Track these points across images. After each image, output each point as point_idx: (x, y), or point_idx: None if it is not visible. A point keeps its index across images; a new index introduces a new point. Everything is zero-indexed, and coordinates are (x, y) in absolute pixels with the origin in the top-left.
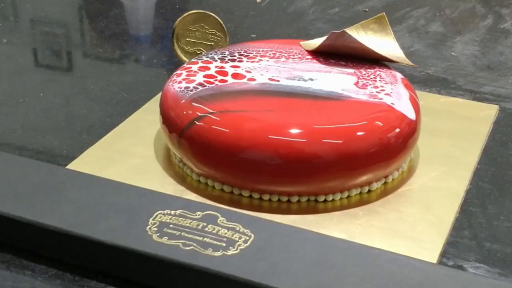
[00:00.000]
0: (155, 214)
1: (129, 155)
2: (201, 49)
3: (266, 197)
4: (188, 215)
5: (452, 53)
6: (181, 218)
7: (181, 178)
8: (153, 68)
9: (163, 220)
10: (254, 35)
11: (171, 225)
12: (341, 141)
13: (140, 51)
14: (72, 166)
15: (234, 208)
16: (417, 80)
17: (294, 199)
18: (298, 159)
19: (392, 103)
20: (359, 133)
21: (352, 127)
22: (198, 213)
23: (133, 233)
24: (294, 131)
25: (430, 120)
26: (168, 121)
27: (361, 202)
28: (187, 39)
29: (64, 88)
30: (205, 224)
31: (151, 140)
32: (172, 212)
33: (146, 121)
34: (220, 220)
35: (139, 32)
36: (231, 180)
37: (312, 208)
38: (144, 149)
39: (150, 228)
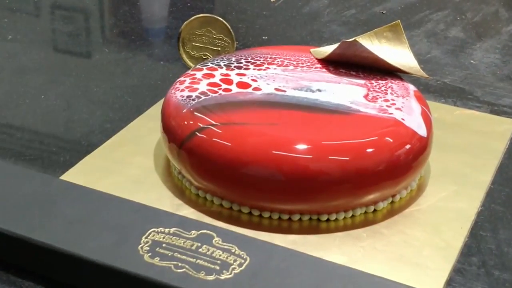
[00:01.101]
0: (149, 232)
1: (127, 165)
2: (208, 54)
3: (266, 214)
4: (183, 234)
5: (471, 61)
6: (174, 237)
7: (180, 191)
8: (159, 71)
9: (156, 238)
10: (266, 37)
11: (164, 245)
12: (347, 158)
13: (147, 51)
14: (68, 175)
15: (232, 226)
16: (432, 89)
17: (296, 217)
18: (302, 176)
19: (402, 119)
20: (366, 150)
21: (359, 143)
22: (193, 232)
23: (124, 252)
24: (299, 146)
25: (443, 135)
26: (168, 130)
27: (365, 223)
28: (193, 43)
29: (67, 90)
30: (199, 244)
31: (151, 149)
32: (166, 230)
33: (148, 128)
34: (215, 241)
35: (149, 30)
36: (230, 196)
37: (314, 228)
38: (143, 159)
39: (142, 248)
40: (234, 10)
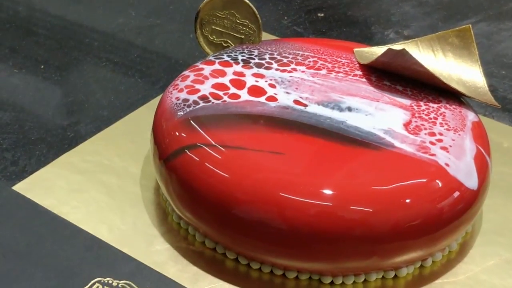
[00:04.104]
0: (92, 281)
1: (109, 171)
2: (229, 41)
3: (255, 265)
4: None
5: None
6: None
7: (163, 215)
8: (185, 46)
9: None
10: (321, 14)
11: None
12: (370, 210)
13: (179, 19)
14: (33, 177)
15: (210, 275)
16: (510, 106)
17: (291, 275)
18: (310, 227)
19: (447, 164)
20: (394, 202)
21: (386, 191)
22: None
23: None
24: (311, 190)
25: (510, 174)
26: (156, 137)
27: None
28: (213, 26)
29: (71, 61)
30: None
31: (144, 152)
32: (115, 283)
33: (149, 122)
34: None
35: None
36: (216, 236)
37: None
38: (130, 164)
39: None
40: None
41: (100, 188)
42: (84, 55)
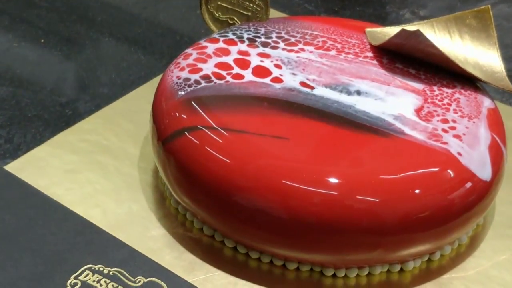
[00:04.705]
0: (82, 269)
1: (106, 152)
2: (234, 18)
3: (255, 255)
4: (125, 280)
5: None
6: (112, 284)
7: (160, 199)
8: (191, 22)
9: (88, 281)
10: None
11: None
12: (377, 200)
13: None
14: (27, 156)
15: (207, 264)
16: None
17: (292, 266)
18: (313, 217)
19: (459, 153)
20: (402, 192)
21: (393, 181)
22: (139, 278)
23: None
24: (315, 177)
25: None
26: (155, 118)
27: (385, 286)
28: (219, 2)
29: (72, 36)
30: None
31: (144, 132)
32: (105, 271)
33: (150, 101)
34: None
35: None
36: (215, 223)
37: (313, 284)
38: (129, 145)
39: None
40: None
41: (96, 169)
42: (86, 29)
